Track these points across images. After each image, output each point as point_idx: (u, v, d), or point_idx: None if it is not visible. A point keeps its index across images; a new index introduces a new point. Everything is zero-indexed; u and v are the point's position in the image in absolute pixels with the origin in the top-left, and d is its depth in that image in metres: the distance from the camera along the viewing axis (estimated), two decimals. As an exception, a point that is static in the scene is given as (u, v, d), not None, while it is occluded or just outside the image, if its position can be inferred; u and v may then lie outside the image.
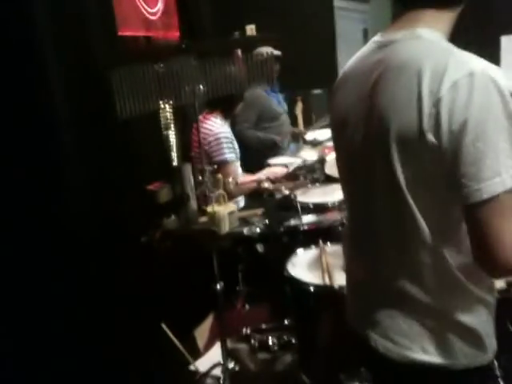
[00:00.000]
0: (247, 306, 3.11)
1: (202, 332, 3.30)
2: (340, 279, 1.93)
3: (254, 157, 3.45)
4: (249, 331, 2.82)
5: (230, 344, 2.69)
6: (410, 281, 1.14)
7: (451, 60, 1.01)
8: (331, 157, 2.88)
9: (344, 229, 1.46)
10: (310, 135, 4.02)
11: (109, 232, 2.04)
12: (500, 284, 1.64)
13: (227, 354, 2.57)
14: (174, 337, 2.77)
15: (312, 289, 1.98)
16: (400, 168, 1.08)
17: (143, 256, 2.15)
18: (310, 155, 3.06)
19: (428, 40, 1.10)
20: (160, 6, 3.46)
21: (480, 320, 1.14)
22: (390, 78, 1.10)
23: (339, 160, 1.37)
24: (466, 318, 1.12)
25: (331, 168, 2.72)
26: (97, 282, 2.04)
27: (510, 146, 0.97)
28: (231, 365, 2.56)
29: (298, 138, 4.36)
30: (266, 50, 3.92)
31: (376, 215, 1.21)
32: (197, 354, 2.99)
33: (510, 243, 0.97)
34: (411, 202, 1.08)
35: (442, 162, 1.01)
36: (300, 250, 2.33)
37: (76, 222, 1.88)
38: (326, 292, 1.95)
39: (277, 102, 4.21)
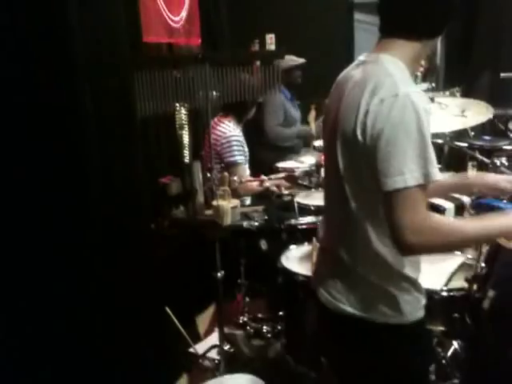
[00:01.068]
0: (247, 299, 3.31)
1: (203, 319, 3.54)
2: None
3: (268, 158, 3.72)
4: (245, 319, 3.04)
5: (227, 330, 2.92)
6: (346, 251, 1.47)
7: (386, 83, 1.30)
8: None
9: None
10: (318, 142, 4.23)
11: (122, 218, 2.26)
12: (461, 283, 1.87)
13: (224, 338, 2.79)
14: (177, 321, 2.99)
15: (300, 278, 2.21)
16: (340, 158, 1.40)
17: (152, 241, 2.39)
18: (312, 160, 3.28)
19: (382, 64, 1.37)
20: (183, 14, 3.70)
21: (398, 288, 1.42)
22: (349, 90, 1.40)
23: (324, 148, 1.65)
24: (385, 285, 1.42)
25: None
26: (107, 264, 2.22)
27: (417, 154, 1.24)
28: (227, 347, 2.77)
29: (308, 144, 4.58)
30: (291, 58, 4.16)
31: (330, 197, 1.58)
32: (197, 339, 3.22)
33: (410, 229, 1.24)
34: (346, 186, 1.40)
35: (366, 156, 1.30)
36: (293, 246, 2.55)
37: (94, 207, 2.11)
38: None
39: (294, 108, 4.45)
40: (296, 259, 2.42)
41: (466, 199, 2.21)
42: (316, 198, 3.08)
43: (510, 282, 1.72)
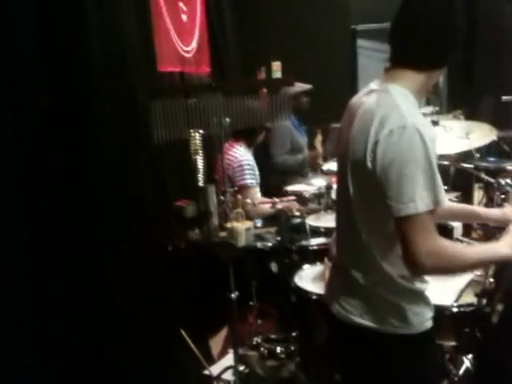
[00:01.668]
0: (259, 321, 3.36)
1: (216, 341, 3.57)
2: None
3: (277, 181, 3.80)
4: (259, 340, 3.09)
5: (241, 351, 2.96)
6: (356, 269, 1.55)
7: (394, 114, 1.39)
8: (338, 184, 3.18)
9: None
10: (325, 166, 4.31)
11: (140, 239, 2.35)
12: (470, 299, 1.93)
13: (238, 359, 2.84)
14: (191, 343, 3.04)
15: (314, 296, 2.27)
16: (350, 182, 1.49)
17: (169, 263, 2.46)
18: (322, 182, 3.35)
19: (391, 94, 1.45)
20: (194, 44, 3.85)
21: (406, 301, 1.50)
22: (360, 117, 1.49)
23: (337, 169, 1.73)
24: (394, 299, 1.50)
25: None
26: (125, 286, 2.30)
27: (426, 182, 1.33)
28: (241, 368, 2.82)
29: (316, 168, 4.66)
30: (298, 84, 4.27)
31: (341, 217, 1.66)
32: (210, 361, 3.26)
33: (423, 252, 1.32)
34: (355, 208, 1.50)
35: (376, 183, 1.38)
36: (307, 266, 2.62)
37: (115, 229, 2.20)
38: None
39: (300, 135, 4.55)
40: (309, 279, 2.49)
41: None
42: (326, 220, 3.14)
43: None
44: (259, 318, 3.33)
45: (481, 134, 2.50)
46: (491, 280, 1.84)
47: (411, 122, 1.36)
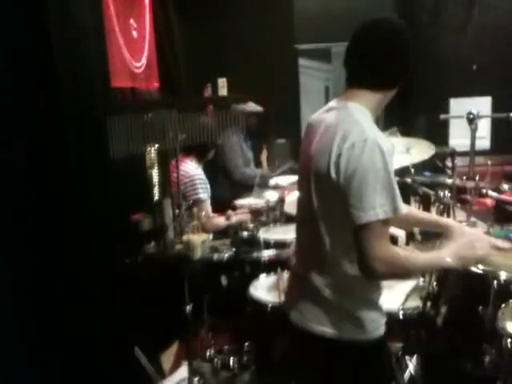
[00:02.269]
0: (210, 334, 3.40)
1: (167, 356, 3.59)
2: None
3: (231, 195, 3.88)
4: (212, 352, 3.13)
5: (194, 363, 3.00)
6: (317, 278, 1.64)
7: (355, 128, 1.51)
8: (289, 197, 3.31)
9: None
10: (272, 180, 4.43)
11: (96, 254, 2.35)
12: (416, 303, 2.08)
13: (192, 371, 2.87)
14: (145, 359, 3.04)
15: (269, 307, 2.36)
16: (314, 194, 1.59)
17: (126, 277, 2.48)
18: (272, 196, 3.47)
19: (350, 112, 1.58)
20: (144, 60, 3.89)
21: (362, 309, 1.61)
22: (322, 133, 1.61)
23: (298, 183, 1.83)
24: (351, 307, 1.61)
25: (289, 207, 3.13)
26: (81, 300, 2.29)
27: (385, 191, 1.45)
28: (196, 379, 2.85)
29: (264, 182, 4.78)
30: (250, 105, 4.40)
31: (303, 228, 1.75)
32: (162, 376, 3.26)
33: (380, 258, 1.44)
34: (318, 219, 1.59)
35: (339, 193, 1.49)
36: (262, 276, 2.70)
37: (73, 243, 2.21)
38: (280, 309, 2.32)
39: (247, 150, 4.67)
40: (264, 289, 2.57)
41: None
42: (275, 233, 3.25)
43: (459, 298, 1.95)
44: (211, 331, 3.38)
45: (420, 150, 2.69)
46: (435, 284, 1.99)
47: (371, 136, 1.48)
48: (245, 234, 3.00)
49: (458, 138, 6.96)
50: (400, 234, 2.45)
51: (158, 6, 4.26)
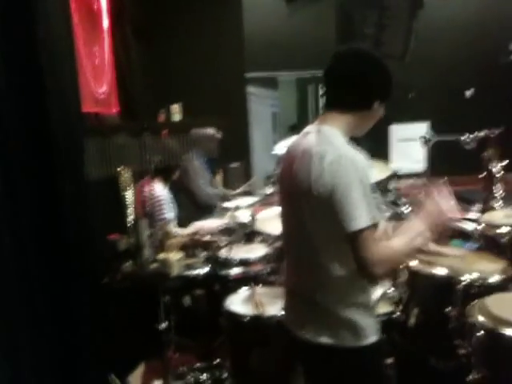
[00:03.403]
0: (177, 355, 3.43)
1: (135, 377, 3.58)
2: (270, 310, 2.43)
3: (190, 215, 3.96)
4: (185, 370, 3.18)
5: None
6: (312, 290, 1.75)
7: (330, 148, 1.66)
8: (261, 215, 3.44)
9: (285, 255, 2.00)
10: (231, 203, 4.54)
11: (76, 274, 2.38)
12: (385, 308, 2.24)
13: (166, 389, 2.90)
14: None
15: (247, 319, 2.46)
16: (302, 211, 1.71)
17: (104, 295, 2.50)
18: (243, 215, 3.57)
19: (324, 134, 1.72)
20: (105, 87, 3.96)
21: (359, 317, 1.71)
22: (300, 158, 1.74)
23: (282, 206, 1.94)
24: (350, 316, 1.70)
25: (261, 224, 3.26)
26: (60, 318, 2.30)
27: (364, 202, 1.59)
28: (171, 397, 2.89)
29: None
30: (210, 131, 4.51)
31: (294, 245, 1.85)
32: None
33: (374, 260, 1.57)
34: (309, 236, 1.70)
35: (324, 207, 1.63)
36: (240, 291, 2.77)
37: (51, 264, 2.23)
38: (258, 320, 2.43)
39: (207, 172, 4.78)
40: (239, 302, 2.66)
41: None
42: (239, 252, 3.35)
43: (429, 301, 2.12)
44: (177, 351, 3.41)
45: (379, 170, 2.90)
46: (404, 290, 2.17)
47: (346, 153, 1.63)
48: (215, 252, 3.09)
49: (398, 161, 7.39)
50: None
51: (116, 33, 4.35)
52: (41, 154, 2.22)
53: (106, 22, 4.11)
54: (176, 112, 6.21)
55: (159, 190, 3.49)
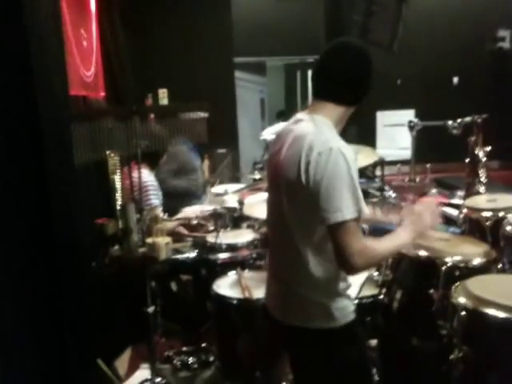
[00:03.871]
0: (163, 339, 3.47)
1: (122, 362, 3.60)
2: (256, 294, 2.46)
3: (173, 202, 3.95)
4: (171, 353, 3.21)
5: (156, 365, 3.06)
6: (290, 276, 1.82)
7: (320, 138, 1.68)
8: (248, 200, 3.47)
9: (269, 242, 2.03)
10: (219, 188, 4.55)
11: (64, 258, 2.38)
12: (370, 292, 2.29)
13: (155, 372, 2.94)
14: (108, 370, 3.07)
15: (235, 302, 2.49)
16: (285, 199, 1.74)
17: (92, 280, 2.52)
18: (232, 200, 3.58)
19: (316, 124, 1.74)
20: (93, 69, 3.93)
21: (332, 300, 1.77)
22: (290, 143, 1.76)
23: (268, 191, 1.97)
24: (324, 300, 1.76)
25: (248, 209, 3.28)
26: (47, 303, 2.31)
27: (350, 193, 1.62)
28: (158, 379, 2.92)
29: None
30: (199, 114, 4.47)
31: (275, 232, 1.90)
32: (120, 381, 3.29)
33: (356, 253, 1.60)
34: (289, 222, 1.74)
35: (309, 197, 1.65)
36: (226, 275, 2.81)
37: (41, 248, 2.23)
38: (245, 303, 2.47)
39: (194, 158, 4.76)
40: (226, 286, 2.69)
41: (365, 226, 2.67)
42: (226, 238, 3.37)
43: (412, 283, 2.17)
44: (164, 336, 3.45)
45: (366, 155, 2.94)
46: (388, 273, 2.21)
47: (335, 145, 1.65)
48: (207, 236, 3.11)
49: (384, 148, 7.46)
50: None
51: (104, 16, 4.30)
52: (28, 138, 2.21)
53: (93, 5, 4.07)
54: (164, 97, 6.19)
55: (145, 175, 3.48)
